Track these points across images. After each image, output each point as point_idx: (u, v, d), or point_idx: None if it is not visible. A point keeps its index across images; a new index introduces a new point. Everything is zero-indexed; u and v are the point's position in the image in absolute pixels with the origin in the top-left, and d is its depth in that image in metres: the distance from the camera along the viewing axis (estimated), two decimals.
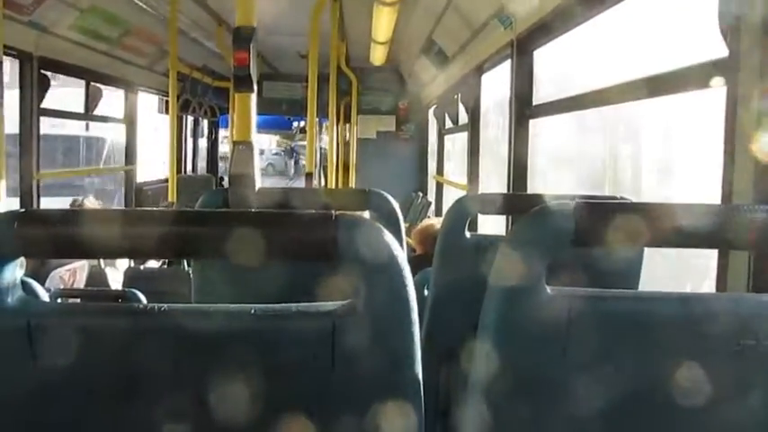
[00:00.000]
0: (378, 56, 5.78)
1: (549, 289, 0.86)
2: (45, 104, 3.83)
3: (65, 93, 4.82)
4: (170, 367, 0.78)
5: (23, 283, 0.80)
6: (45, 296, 1.69)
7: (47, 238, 0.74)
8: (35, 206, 3.80)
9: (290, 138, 21.11)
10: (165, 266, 3.86)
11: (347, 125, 7.31)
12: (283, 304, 0.81)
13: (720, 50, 1.51)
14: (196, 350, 0.78)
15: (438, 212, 6.22)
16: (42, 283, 2.97)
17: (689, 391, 0.89)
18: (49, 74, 3.88)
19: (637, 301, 0.90)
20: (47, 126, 4.19)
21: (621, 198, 1.64)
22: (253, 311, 0.79)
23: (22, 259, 0.78)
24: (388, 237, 0.77)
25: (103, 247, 0.76)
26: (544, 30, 2.81)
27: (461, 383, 1.78)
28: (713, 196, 1.52)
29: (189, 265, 3.64)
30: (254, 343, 0.78)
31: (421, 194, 7.07)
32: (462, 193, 4.60)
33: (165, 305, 0.81)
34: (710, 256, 1.57)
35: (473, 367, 0.94)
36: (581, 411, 0.89)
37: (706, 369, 0.87)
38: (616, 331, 0.86)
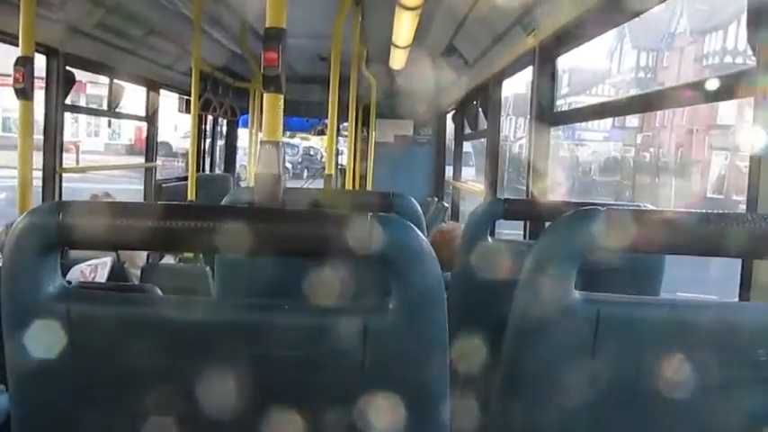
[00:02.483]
0: (398, 60, 5.79)
1: (577, 293, 0.87)
2: None
3: None
4: (201, 354, 0.80)
5: None
6: None
7: (89, 228, 0.76)
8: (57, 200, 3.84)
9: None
10: (182, 263, 3.88)
11: (365, 128, 7.32)
12: (315, 302, 0.82)
13: (748, 61, 1.51)
14: (227, 340, 0.80)
15: (454, 218, 6.21)
16: (63, 277, 3.00)
17: (713, 398, 0.89)
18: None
19: (663, 307, 0.91)
20: None
21: (644, 206, 1.64)
22: (286, 307, 0.81)
23: None
24: (421, 237, 0.79)
25: (144, 239, 0.78)
26: (568, 37, 2.81)
27: (479, 384, 1.79)
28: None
29: (205, 262, 3.67)
30: (285, 337, 0.80)
31: (437, 200, 7.06)
32: (480, 199, 4.60)
33: (200, 298, 0.82)
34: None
35: (498, 368, 0.94)
36: (607, 413, 0.90)
37: (731, 377, 0.87)
38: (644, 336, 0.87)
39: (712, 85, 1.69)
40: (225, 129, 8.01)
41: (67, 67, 3.82)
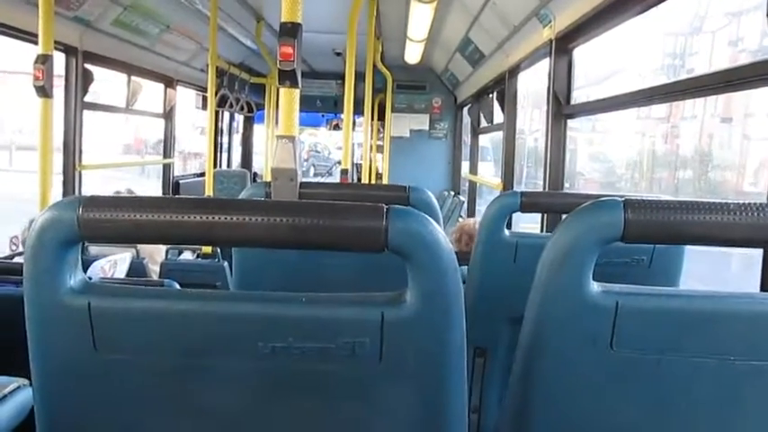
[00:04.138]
0: (413, 54, 5.79)
1: (596, 285, 0.86)
2: None
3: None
4: (220, 346, 0.81)
5: None
6: None
7: (110, 222, 0.77)
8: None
9: None
10: (200, 259, 3.92)
11: (381, 123, 7.33)
12: (332, 293, 0.83)
13: None
14: (246, 332, 0.80)
15: (470, 213, 6.20)
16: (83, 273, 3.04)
17: (734, 389, 0.88)
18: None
19: (682, 298, 0.90)
20: None
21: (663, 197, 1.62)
22: (303, 300, 0.81)
23: None
24: (438, 229, 0.78)
25: (164, 233, 0.78)
26: (585, 27, 2.78)
27: (494, 381, 1.78)
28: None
29: (223, 258, 3.70)
30: (302, 330, 0.80)
31: (453, 193, 7.05)
32: (496, 192, 4.58)
33: (220, 291, 0.83)
34: None
35: (515, 361, 0.94)
36: (627, 408, 0.89)
37: (753, 368, 0.86)
38: (663, 328, 0.86)
39: (734, 74, 1.67)
40: (241, 125, 8.07)
41: (86, 65, 3.86)
